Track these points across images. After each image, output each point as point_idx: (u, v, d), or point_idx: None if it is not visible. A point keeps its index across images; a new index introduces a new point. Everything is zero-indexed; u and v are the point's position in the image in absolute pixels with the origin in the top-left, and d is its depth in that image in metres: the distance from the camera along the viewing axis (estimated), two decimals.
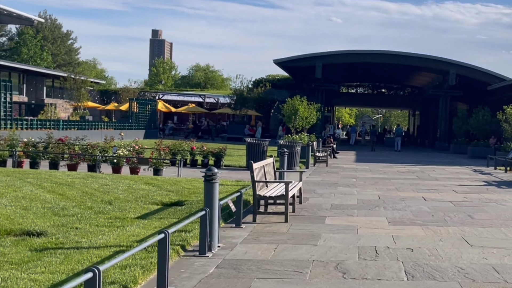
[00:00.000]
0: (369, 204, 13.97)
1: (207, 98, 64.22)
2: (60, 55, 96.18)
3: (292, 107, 31.09)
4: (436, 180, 20.98)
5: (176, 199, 12.91)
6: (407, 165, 28.54)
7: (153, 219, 10.26)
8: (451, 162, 32.61)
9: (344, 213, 12.52)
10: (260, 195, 11.12)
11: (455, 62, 48.63)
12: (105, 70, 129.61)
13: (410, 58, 48.41)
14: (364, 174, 22.77)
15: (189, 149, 22.81)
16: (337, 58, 48.28)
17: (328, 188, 17.38)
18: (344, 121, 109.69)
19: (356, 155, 37.19)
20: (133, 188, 14.08)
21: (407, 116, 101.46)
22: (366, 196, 15.64)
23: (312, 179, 20.00)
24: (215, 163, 22.73)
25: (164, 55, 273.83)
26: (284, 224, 10.83)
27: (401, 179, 21.13)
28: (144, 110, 47.70)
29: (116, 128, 41.44)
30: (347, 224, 11.06)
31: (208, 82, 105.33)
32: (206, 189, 8.29)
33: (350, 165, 27.97)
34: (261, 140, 22.94)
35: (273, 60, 47.72)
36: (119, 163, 18.00)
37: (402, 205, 14.03)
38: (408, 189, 17.77)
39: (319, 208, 13.12)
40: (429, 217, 12.31)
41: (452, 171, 25.88)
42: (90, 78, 54.49)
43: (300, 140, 29.02)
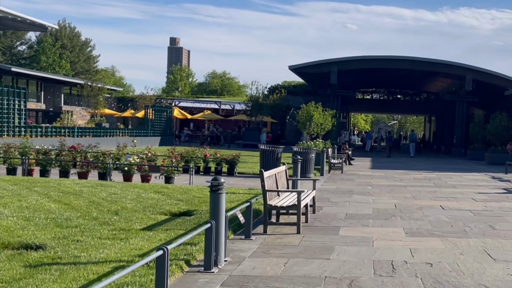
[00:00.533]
0: (385, 214, 13.49)
1: (222, 104, 63.94)
2: (79, 62, 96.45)
3: (307, 113, 30.65)
4: (454, 188, 20.43)
5: (185, 208, 12.51)
6: (424, 172, 27.98)
7: (159, 231, 9.86)
8: (468, 168, 31.97)
9: (359, 223, 12.05)
10: (271, 205, 10.69)
11: (471, 67, 47.91)
12: (123, 78, 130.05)
13: (426, 63, 47.76)
14: (379, 181, 22.27)
15: (202, 156, 22.43)
16: (352, 64, 47.77)
17: (343, 196, 16.91)
18: (359, 127, 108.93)
19: (371, 161, 36.65)
20: (142, 197, 13.70)
21: (423, 122, 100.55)
22: (382, 204, 15.15)
23: (326, 187, 19.53)
24: (229, 170, 22.35)
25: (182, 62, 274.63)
26: (296, 235, 10.39)
27: (417, 186, 20.60)
28: (160, 117, 47.48)
29: (131, 135, 41.22)
30: (362, 235, 10.60)
31: (225, 89, 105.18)
32: (212, 200, 7.88)
33: (366, 172, 27.46)
34: (275, 147, 22.49)
35: (289, 66, 47.32)
36: (130, 171, 17.65)
37: (419, 214, 13.53)
38: (425, 197, 17.26)
39: (333, 218, 12.66)
40: (448, 227, 11.80)
41: (469, 178, 25.30)
42: (107, 86, 54.48)
43: (315, 146, 28.57)
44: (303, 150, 22.61)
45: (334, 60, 47.52)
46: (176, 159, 18.34)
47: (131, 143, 22.84)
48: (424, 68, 47.96)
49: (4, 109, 29.83)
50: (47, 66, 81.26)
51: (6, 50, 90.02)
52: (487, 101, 50.87)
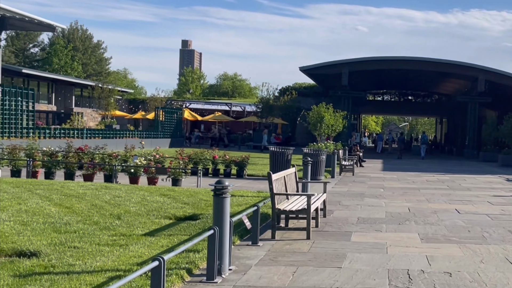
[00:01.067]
0: (399, 218, 12.97)
1: (233, 106, 63.51)
2: (91, 64, 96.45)
3: (317, 114, 30.13)
4: (468, 190, 19.87)
5: (191, 212, 12.06)
6: (436, 174, 27.41)
7: (161, 236, 9.41)
8: (481, 170, 31.34)
9: (371, 228, 11.54)
10: (280, 209, 10.20)
11: (484, 68, 47.22)
12: (136, 80, 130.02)
13: (438, 64, 47.13)
14: (392, 183, 21.74)
15: (211, 158, 21.97)
16: (363, 65, 47.20)
17: (354, 199, 16.40)
18: (370, 129, 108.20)
19: (383, 163, 36.08)
20: (147, 200, 13.26)
21: (434, 123, 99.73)
22: (395, 208, 14.63)
23: (337, 190, 19.03)
24: (238, 172, 21.90)
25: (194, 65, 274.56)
26: (306, 241, 9.90)
27: (431, 189, 20.06)
28: (170, 118, 47.10)
29: (141, 136, 40.86)
30: (375, 241, 10.09)
31: (236, 91, 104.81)
32: (215, 204, 7.41)
33: (377, 174, 26.93)
34: (285, 149, 22.02)
35: (299, 68, 46.85)
36: (137, 173, 17.22)
37: (434, 218, 13.00)
38: (440, 200, 16.72)
39: (345, 222, 12.16)
40: (465, 233, 11.28)
41: (483, 180, 24.71)
42: (118, 87, 54.15)
43: (326, 148, 28.06)
44: (314, 152, 22.12)
45: (345, 61, 46.98)
46: (183, 161, 17.87)
47: (139, 145, 22.38)
48: (435, 69, 47.34)
49: (12, 110, 29.50)
50: (59, 68, 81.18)
51: (19, 52, 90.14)
52: (500, 102, 50.16)
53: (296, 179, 12.57)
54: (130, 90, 68.52)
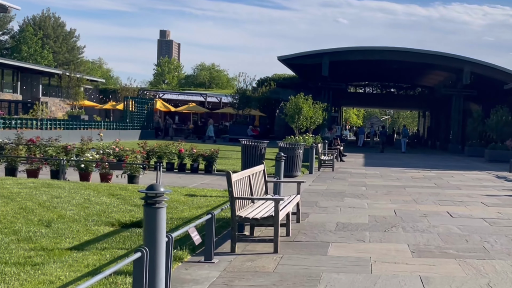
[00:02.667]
0: (384, 223, 11.18)
1: (208, 97, 61.35)
2: (62, 53, 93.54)
3: (295, 105, 28.28)
4: (458, 189, 18.17)
5: (139, 217, 10.17)
6: (421, 170, 25.75)
7: (92, 251, 7.54)
8: (468, 166, 29.76)
9: (352, 236, 9.74)
10: (241, 217, 8.34)
11: (469, 60, 45.73)
12: (111, 70, 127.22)
13: (421, 55, 45.53)
14: (374, 181, 19.99)
15: (176, 151, 20.07)
16: (344, 55, 45.47)
17: (333, 199, 14.60)
18: (351, 122, 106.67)
19: (364, 158, 34.40)
20: (91, 201, 11.33)
21: (416, 117, 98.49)
22: (379, 210, 12.85)
23: (315, 187, 17.23)
24: (206, 167, 20.01)
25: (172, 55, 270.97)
26: (273, 256, 8.07)
27: (417, 187, 18.33)
28: (141, 109, 44.98)
29: (108, 128, 38.76)
30: (357, 256, 8.29)
31: (213, 82, 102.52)
32: (146, 217, 5.53)
33: (359, 169, 25.18)
34: (258, 142, 20.16)
35: (278, 57, 44.98)
36: (88, 169, 15.26)
37: (425, 224, 11.24)
38: (428, 200, 14.97)
39: (321, 229, 10.35)
40: (462, 243, 9.52)
41: (472, 177, 23.08)
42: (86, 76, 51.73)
43: (304, 141, 26.28)
44: (290, 146, 20.29)
45: (325, 50, 45.20)
46: (141, 155, 15.93)
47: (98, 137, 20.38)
48: (419, 60, 45.74)
49: None
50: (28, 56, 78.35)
51: None
52: (485, 95, 48.72)
53: (265, 178, 10.72)
54: (100, 79, 65.91)
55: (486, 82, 46.41)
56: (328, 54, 44.55)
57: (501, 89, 44.47)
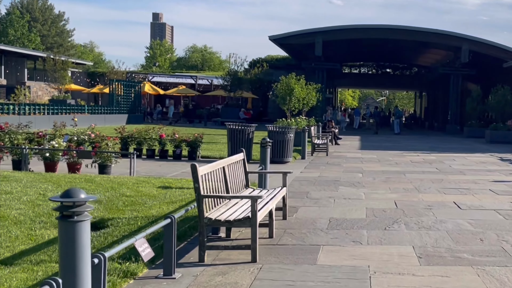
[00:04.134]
0: (384, 218, 9.72)
1: (199, 79, 59.52)
2: (51, 36, 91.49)
3: (286, 86, 26.70)
4: (462, 174, 16.71)
5: (98, 216, 8.70)
6: (420, 153, 24.31)
7: (24, 265, 6.07)
8: (469, 148, 28.31)
9: (347, 237, 8.27)
10: (211, 219, 6.83)
11: (468, 37, 44.16)
12: (103, 54, 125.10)
13: (417, 33, 43.91)
14: (371, 166, 18.52)
15: (157, 137, 18.56)
16: (338, 34, 43.79)
17: (326, 189, 13.11)
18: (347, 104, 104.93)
19: (360, 140, 32.93)
20: (46, 197, 9.81)
21: (413, 98, 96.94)
22: (377, 202, 11.37)
23: (307, 175, 15.74)
24: (190, 153, 18.52)
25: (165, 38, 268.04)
26: (250, 267, 6.60)
27: (418, 172, 16.87)
28: (129, 92, 43.33)
29: (93, 112, 37.16)
30: (353, 264, 6.83)
31: (205, 64, 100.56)
32: (61, 235, 4.03)
33: (355, 153, 23.70)
34: (245, 125, 18.67)
35: (269, 37, 43.30)
36: (54, 158, 13.74)
37: (430, 218, 9.77)
38: (432, 188, 13.50)
39: (311, 227, 8.87)
40: (477, 243, 8.07)
41: (475, 160, 21.64)
42: (72, 59, 49.93)
43: (296, 124, 24.79)
44: (280, 129, 18.78)
45: (318, 29, 43.50)
46: (114, 142, 14.39)
47: (71, 122, 18.81)
48: (415, 38, 44.13)
49: None
50: (15, 40, 76.30)
51: None
52: (484, 74, 47.18)
53: (246, 168, 9.21)
54: (88, 62, 63.88)
55: (484, 60, 44.89)
56: (321, 33, 42.88)
57: (500, 68, 42.96)
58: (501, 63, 42.43)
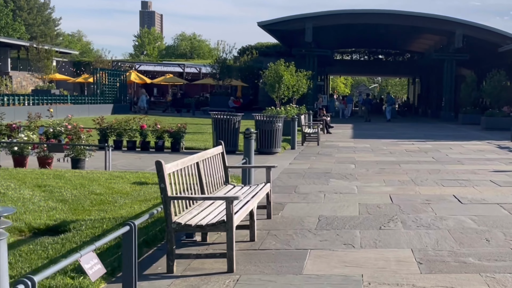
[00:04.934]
0: (379, 215, 8.83)
1: (187, 67, 58.34)
2: (36, 25, 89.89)
3: (275, 73, 25.70)
4: (460, 164, 15.85)
5: (60, 218, 7.79)
6: (415, 141, 23.44)
7: None
8: (465, 135, 27.49)
9: (338, 239, 7.39)
10: (180, 224, 5.91)
11: (461, 21, 43.25)
12: (91, 43, 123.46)
13: (410, 17, 42.90)
14: (365, 156, 17.63)
15: (138, 128, 17.60)
16: (329, 19, 42.75)
17: (316, 182, 12.21)
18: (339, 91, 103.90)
19: (353, 129, 32.04)
20: (6, 196, 8.88)
21: (405, 84, 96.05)
22: (371, 196, 10.48)
23: (296, 166, 14.83)
24: (173, 145, 17.56)
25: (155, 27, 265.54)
26: (226, 279, 5.70)
27: (413, 162, 16.00)
28: (114, 82, 42.22)
29: (76, 102, 36.07)
30: (344, 273, 5.94)
31: (195, 52, 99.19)
32: None
33: (347, 142, 22.82)
34: (232, 115, 17.73)
35: (258, 23, 42.25)
36: (23, 152, 12.77)
37: (429, 215, 8.90)
38: (429, 180, 12.62)
39: (299, 227, 7.99)
40: (483, 244, 7.21)
41: (472, 148, 20.80)
42: (56, 48, 48.70)
43: (286, 113, 23.88)
44: (268, 119, 17.84)
45: (308, 15, 42.44)
46: (88, 134, 13.42)
47: (47, 113, 17.80)
48: (408, 23, 43.17)
49: None
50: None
51: None
52: (478, 60, 46.30)
53: (225, 163, 8.29)
54: (74, 51, 62.46)
55: (478, 45, 44.06)
56: (311, 19, 41.84)
57: (494, 53, 42.12)
58: (495, 48, 41.58)
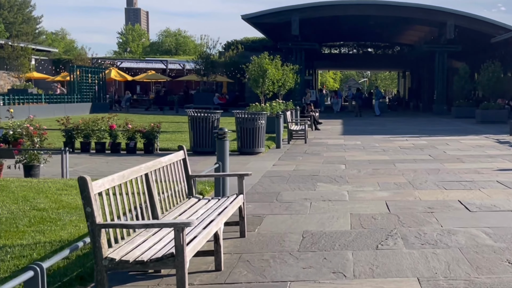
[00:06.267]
0: (374, 229, 7.40)
1: (171, 64, 56.50)
2: (17, 23, 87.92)
3: (259, 67, 24.20)
4: (461, 162, 14.45)
5: None
6: (409, 137, 22.06)
7: None
8: (460, 130, 26.15)
9: (326, 264, 5.94)
10: (113, 261, 4.41)
11: (453, 12, 41.95)
12: (74, 41, 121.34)
13: (400, 8, 41.50)
14: (356, 154, 16.19)
15: (107, 128, 16.08)
16: (316, 11, 41.21)
17: (302, 187, 10.74)
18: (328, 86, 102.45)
19: (343, 124, 30.61)
20: None
21: (395, 78, 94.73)
22: (365, 204, 9.04)
23: (280, 168, 13.35)
24: (146, 146, 16.03)
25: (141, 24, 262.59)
26: None
27: (409, 161, 14.57)
28: (93, 80, 40.51)
29: (51, 101, 34.36)
30: None
31: (180, 48, 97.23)
32: None
33: (337, 139, 21.36)
34: (209, 112, 16.24)
35: (242, 16, 40.73)
36: None
37: (434, 228, 7.48)
38: (429, 182, 11.19)
39: (278, 249, 6.53)
40: (505, 268, 5.84)
41: (471, 143, 19.44)
42: (32, 45, 46.81)
43: (271, 109, 22.47)
44: (249, 116, 16.33)
45: (294, 7, 40.90)
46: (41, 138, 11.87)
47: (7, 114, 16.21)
48: (397, 13, 41.81)
49: None
50: None
51: None
52: (470, 51, 45.04)
53: (187, 172, 6.80)
54: (53, 49, 60.31)
55: (471, 36, 42.78)
56: (298, 11, 40.34)
57: (487, 43, 40.84)
58: (488, 39, 40.34)
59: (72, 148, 15.98)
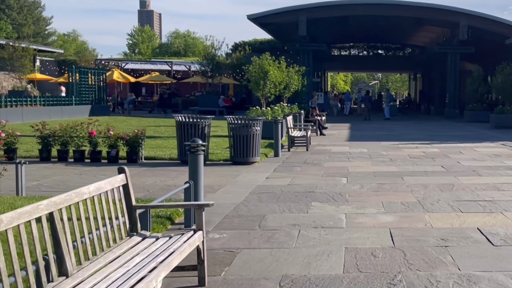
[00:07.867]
0: (373, 274, 5.88)
1: (176, 65, 55.12)
2: (27, 25, 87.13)
3: (259, 69, 22.66)
4: (477, 175, 12.85)
5: None
6: (419, 144, 20.50)
7: None
8: (474, 136, 24.53)
9: None
10: None
11: (466, 12, 40.34)
12: (86, 42, 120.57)
13: (411, 8, 39.96)
14: (360, 165, 14.64)
15: (86, 134, 14.62)
16: (324, 11, 39.71)
17: (293, 207, 9.21)
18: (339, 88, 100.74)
19: (350, 129, 29.05)
20: None
21: (406, 80, 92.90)
22: (364, 234, 7.50)
23: (272, 182, 11.82)
24: (129, 154, 14.57)
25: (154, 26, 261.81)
26: None
27: (419, 174, 13.01)
28: (92, 81, 39.17)
29: (47, 104, 33.04)
30: None
31: (189, 50, 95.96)
32: None
33: (341, 147, 19.81)
34: (199, 118, 14.74)
35: (247, 16, 39.32)
36: None
37: (451, 272, 5.99)
38: (441, 202, 9.62)
39: None
40: None
41: (486, 152, 17.88)
42: (34, 46, 45.56)
43: (273, 113, 20.98)
44: (243, 121, 14.79)
45: (301, 6, 39.39)
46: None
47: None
48: (408, 14, 40.27)
49: None
50: None
51: None
52: (484, 53, 43.30)
53: (130, 201, 5.30)
54: (57, 50, 59.22)
55: (484, 37, 41.09)
56: (305, 11, 38.84)
57: (502, 45, 39.10)
58: (503, 40, 38.65)
59: (48, 157, 14.62)
